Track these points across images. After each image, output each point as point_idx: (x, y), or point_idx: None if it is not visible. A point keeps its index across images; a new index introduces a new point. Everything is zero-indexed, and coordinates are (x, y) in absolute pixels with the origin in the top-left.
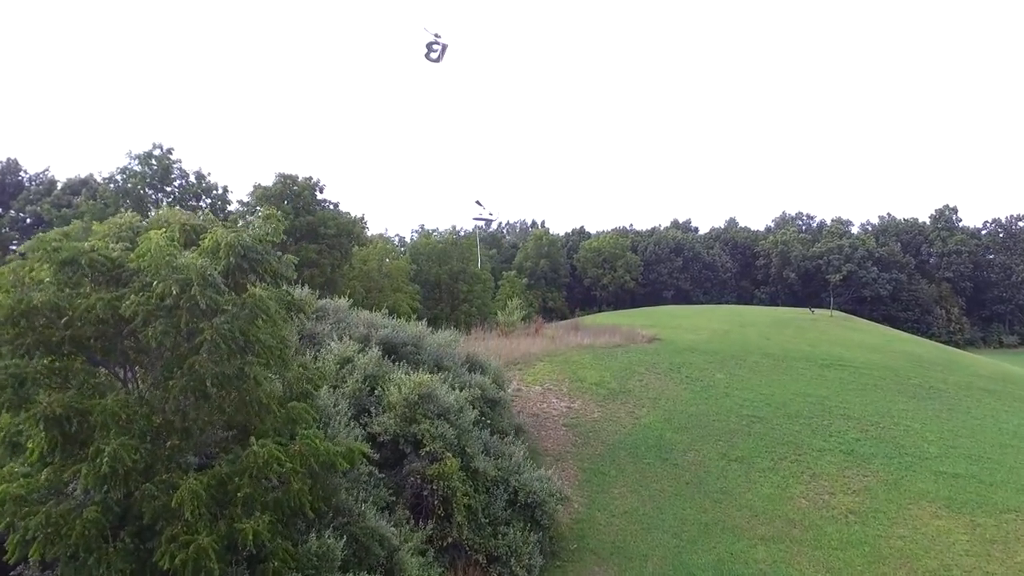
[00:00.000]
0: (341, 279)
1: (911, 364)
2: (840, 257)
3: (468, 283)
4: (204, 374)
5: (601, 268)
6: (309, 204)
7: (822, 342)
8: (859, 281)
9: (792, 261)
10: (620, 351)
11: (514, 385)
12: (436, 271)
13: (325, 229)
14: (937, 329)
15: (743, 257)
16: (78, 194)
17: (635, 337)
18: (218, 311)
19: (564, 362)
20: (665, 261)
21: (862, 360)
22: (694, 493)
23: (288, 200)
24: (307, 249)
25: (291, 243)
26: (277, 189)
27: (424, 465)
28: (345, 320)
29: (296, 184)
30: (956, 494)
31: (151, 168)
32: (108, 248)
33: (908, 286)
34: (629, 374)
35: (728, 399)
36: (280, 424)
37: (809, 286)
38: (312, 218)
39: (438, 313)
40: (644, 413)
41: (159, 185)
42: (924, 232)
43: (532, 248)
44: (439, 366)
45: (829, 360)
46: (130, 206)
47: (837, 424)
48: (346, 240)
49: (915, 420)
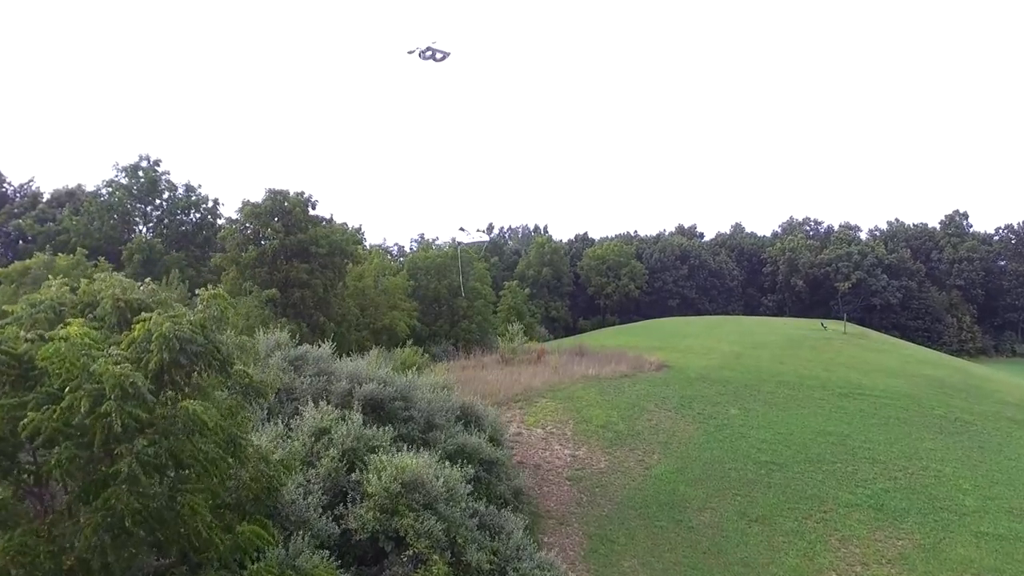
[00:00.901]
0: (334, 299)
1: (933, 390)
2: (849, 264)
3: (468, 298)
4: (123, 510)
5: (605, 276)
6: (300, 221)
7: (838, 365)
8: (868, 289)
9: (800, 268)
10: (627, 382)
11: (514, 428)
12: (435, 286)
13: (317, 248)
14: (948, 338)
15: (749, 264)
16: (64, 206)
17: (643, 365)
18: (142, 430)
19: (568, 398)
20: (670, 269)
21: (881, 387)
22: (712, 566)
23: (278, 217)
24: (298, 269)
25: (282, 261)
26: (267, 206)
27: (407, 571)
28: (327, 371)
29: (287, 200)
30: (1004, 564)
31: (138, 180)
32: (17, 338)
33: (918, 294)
34: (638, 412)
35: (744, 440)
36: (226, 553)
37: (817, 293)
38: (303, 236)
39: (437, 329)
40: (655, 461)
41: (146, 198)
42: (934, 238)
43: (534, 256)
44: (430, 423)
45: (847, 388)
46: (116, 221)
47: (863, 470)
48: (339, 259)
49: (945, 462)
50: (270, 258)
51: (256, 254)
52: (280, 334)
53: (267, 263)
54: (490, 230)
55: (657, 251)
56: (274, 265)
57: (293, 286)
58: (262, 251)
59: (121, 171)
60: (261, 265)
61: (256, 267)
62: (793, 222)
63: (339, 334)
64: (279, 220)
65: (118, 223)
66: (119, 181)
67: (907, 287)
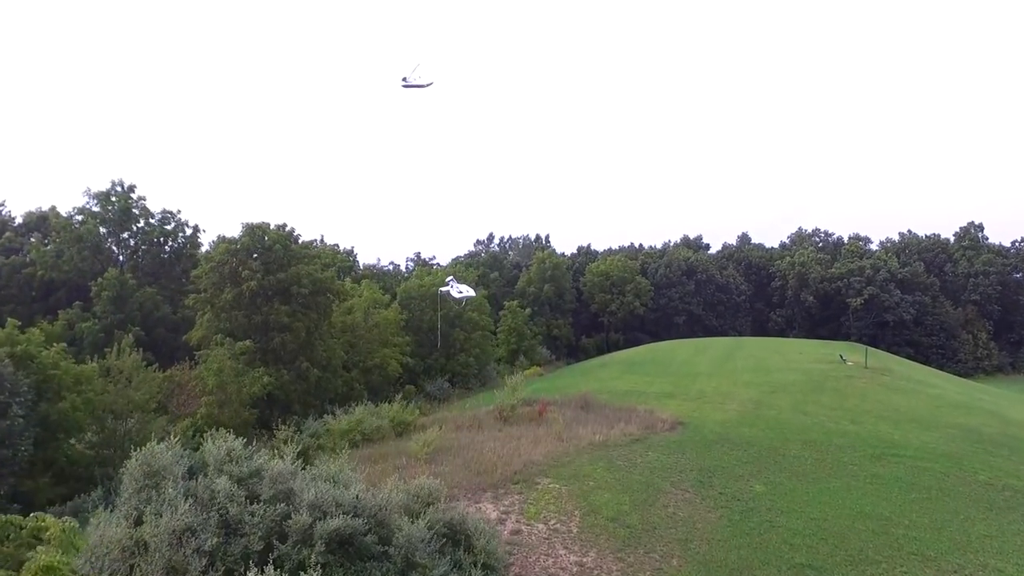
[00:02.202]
0: (319, 340)
1: (971, 446)
2: (861, 280)
3: (466, 330)
4: None
5: (609, 293)
6: (281, 258)
7: (865, 415)
8: (881, 305)
9: (810, 283)
10: (639, 449)
11: (512, 523)
12: (430, 316)
13: (299, 288)
14: (964, 355)
15: (757, 278)
16: (37, 231)
17: (655, 424)
18: None
19: (574, 477)
20: (676, 285)
21: (916, 444)
22: None
23: (257, 254)
24: (278, 312)
25: (262, 302)
26: (244, 242)
27: None
28: (286, 492)
29: (267, 234)
30: None
31: (112, 207)
32: None
33: (932, 309)
34: (652, 494)
35: (774, 532)
36: None
37: (828, 309)
38: (284, 276)
39: (432, 364)
40: (675, 568)
41: (120, 228)
42: (948, 250)
43: (536, 272)
44: (410, 562)
45: (879, 446)
46: (87, 253)
47: (912, 571)
48: (325, 297)
49: (1005, 556)
50: (248, 300)
51: (233, 296)
52: (232, 443)
53: (244, 305)
54: (463, 297)
55: (662, 266)
56: (253, 307)
57: (273, 330)
58: (239, 292)
59: (93, 198)
60: (238, 308)
61: (233, 310)
62: (802, 233)
63: (324, 379)
64: (258, 258)
65: (88, 255)
66: (90, 209)
67: (921, 302)
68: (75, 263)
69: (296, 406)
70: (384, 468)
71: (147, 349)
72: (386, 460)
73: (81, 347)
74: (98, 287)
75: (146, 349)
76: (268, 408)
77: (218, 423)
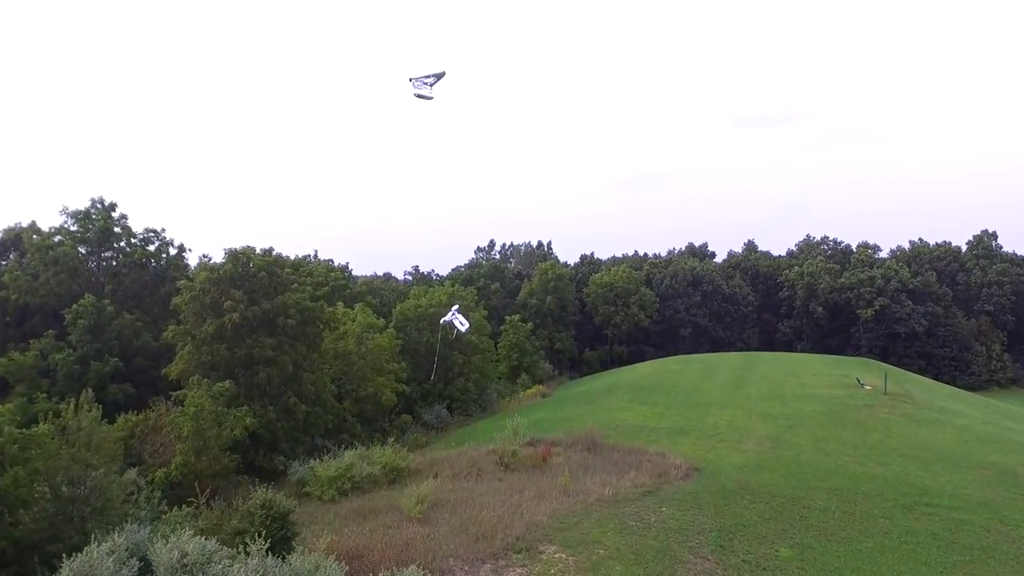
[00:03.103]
0: (306, 373)
1: (1010, 492)
2: (872, 290)
3: (465, 353)
4: None
5: (613, 305)
6: (267, 287)
7: (891, 453)
8: (892, 316)
9: (819, 294)
10: (652, 504)
11: None
12: (428, 339)
13: (286, 319)
14: (977, 367)
15: (765, 287)
16: (14, 249)
17: (667, 471)
18: None
19: (581, 543)
20: (682, 296)
21: (949, 491)
22: None
23: (241, 285)
24: (263, 345)
25: (246, 334)
26: (227, 270)
27: None
28: None
29: (252, 261)
30: None
31: (92, 226)
32: None
33: (944, 320)
34: (669, 565)
35: None
36: None
37: (837, 319)
38: (269, 306)
39: (430, 388)
40: None
41: (99, 249)
42: (960, 259)
43: (538, 283)
44: None
45: (910, 494)
46: (63, 277)
47: None
48: (314, 328)
49: None
50: (230, 332)
51: (214, 328)
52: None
53: (227, 338)
54: (462, 329)
55: (668, 276)
56: (236, 339)
57: (258, 363)
58: (220, 324)
59: (71, 217)
60: (220, 340)
61: (214, 342)
62: (810, 240)
63: (313, 414)
64: (242, 288)
65: (66, 278)
66: (68, 228)
67: (933, 313)
68: (51, 287)
69: (283, 444)
70: (374, 528)
71: (126, 380)
72: (377, 516)
73: (55, 379)
74: (73, 314)
75: (124, 380)
76: (253, 447)
77: (195, 473)
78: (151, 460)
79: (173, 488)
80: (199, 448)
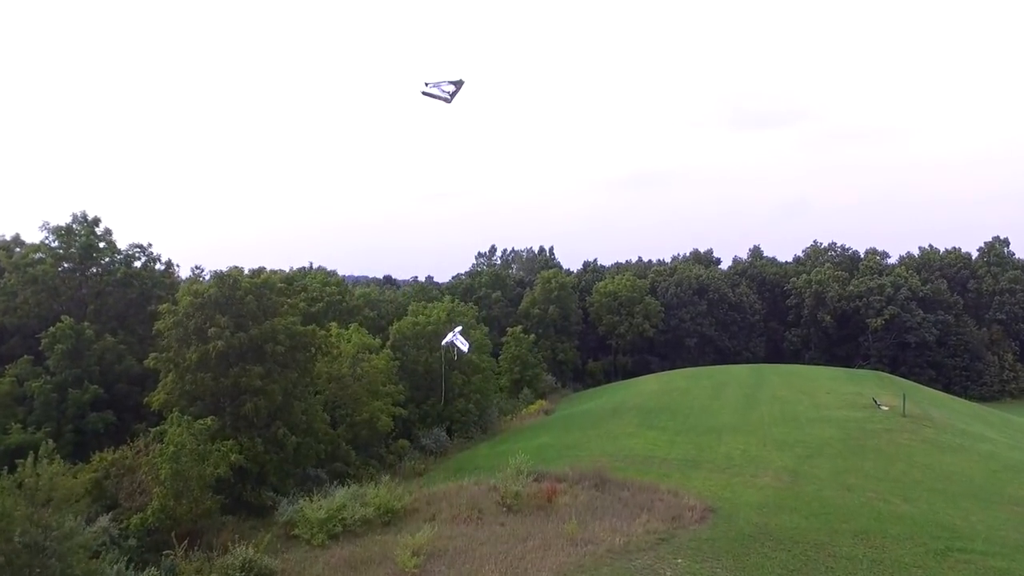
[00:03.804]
0: (297, 401)
1: None
2: (881, 299)
3: (465, 373)
4: None
5: (617, 315)
6: (255, 312)
7: (916, 487)
8: (902, 325)
9: (827, 302)
10: (666, 555)
11: None
12: (426, 359)
13: (275, 345)
14: (989, 377)
15: (771, 295)
16: None
17: (681, 512)
18: None
19: None
20: (688, 304)
21: (982, 532)
22: None
23: (227, 310)
24: (250, 374)
25: (233, 360)
26: (212, 294)
27: None
28: None
29: (239, 284)
30: None
31: (75, 242)
32: None
33: (956, 329)
34: None
35: None
36: None
37: (845, 328)
38: (257, 332)
39: (428, 410)
40: None
41: (81, 267)
42: (971, 266)
43: (540, 292)
44: None
45: (941, 537)
46: (43, 297)
47: None
48: (305, 353)
49: None
50: (215, 361)
51: (198, 356)
52: None
53: (212, 367)
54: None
55: (673, 284)
56: (222, 368)
57: (245, 393)
58: (204, 352)
59: (51, 233)
60: (204, 369)
61: (198, 371)
62: (818, 246)
63: (304, 445)
64: (228, 313)
65: (45, 298)
66: (49, 245)
67: (944, 322)
68: (30, 307)
69: (272, 477)
70: None
71: (108, 407)
72: (369, 568)
73: (32, 407)
74: (50, 338)
75: (107, 407)
76: (240, 481)
77: (174, 518)
78: (127, 504)
79: (151, 534)
80: (179, 491)
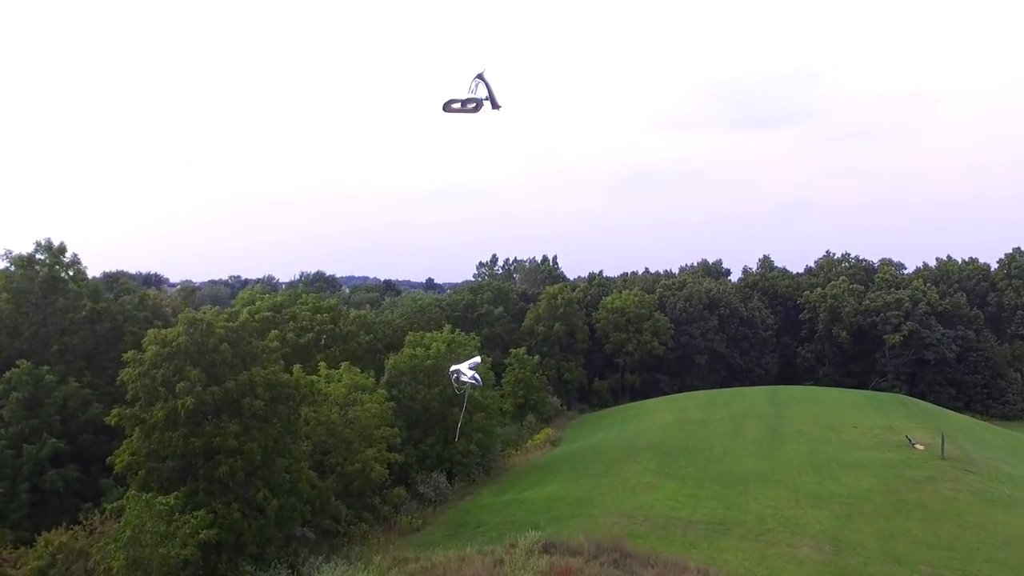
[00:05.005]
0: (279, 458)
1: None
2: (899, 314)
3: (468, 411)
4: None
5: (625, 332)
6: (230, 362)
7: (974, 557)
8: (921, 341)
9: (843, 317)
10: None
11: None
12: (424, 395)
13: (253, 399)
14: (1012, 395)
15: (784, 309)
16: None
17: None
18: None
19: None
20: (698, 320)
21: None
22: None
23: (199, 361)
24: (225, 432)
25: (206, 416)
26: (182, 343)
27: None
28: None
29: (212, 332)
30: None
31: (38, 274)
32: None
33: (976, 344)
34: None
35: None
36: None
37: (861, 343)
38: (233, 384)
39: (426, 451)
40: None
41: (46, 297)
42: (990, 278)
43: (545, 309)
44: None
45: None
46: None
47: None
48: (288, 405)
49: None
50: (184, 418)
51: (165, 414)
52: None
53: (181, 424)
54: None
55: (682, 299)
56: (192, 425)
57: (219, 453)
58: (173, 409)
59: (12, 263)
60: (173, 428)
61: (166, 430)
62: (830, 257)
63: (287, 506)
64: (199, 364)
65: (3, 339)
66: (9, 274)
67: (964, 337)
68: None
69: (251, 547)
70: None
71: (71, 461)
72: None
73: None
74: (4, 385)
75: (70, 461)
76: (215, 552)
77: None
78: None
79: None
80: None
